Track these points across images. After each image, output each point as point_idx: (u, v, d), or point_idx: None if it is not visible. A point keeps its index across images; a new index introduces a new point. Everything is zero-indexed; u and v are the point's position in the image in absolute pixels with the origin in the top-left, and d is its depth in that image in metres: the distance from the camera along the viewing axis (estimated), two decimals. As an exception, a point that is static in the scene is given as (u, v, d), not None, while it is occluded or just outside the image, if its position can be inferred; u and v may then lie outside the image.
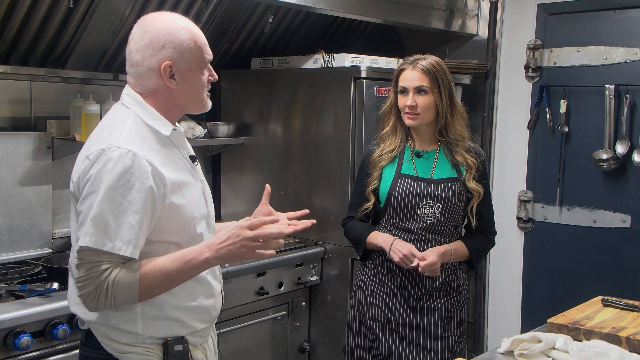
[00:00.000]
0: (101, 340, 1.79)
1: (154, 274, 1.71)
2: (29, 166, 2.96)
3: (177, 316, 1.82)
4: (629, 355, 1.91)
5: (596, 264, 3.61)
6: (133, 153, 1.69)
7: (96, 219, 1.65)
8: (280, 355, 3.35)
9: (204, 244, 1.75)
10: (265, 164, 3.64)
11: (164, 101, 1.82)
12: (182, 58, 1.79)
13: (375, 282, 2.64)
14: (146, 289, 1.71)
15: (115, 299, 1.69)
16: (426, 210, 2.55)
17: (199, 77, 1.84)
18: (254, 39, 3.73)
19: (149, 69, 1.79)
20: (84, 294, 1.68)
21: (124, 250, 1.67)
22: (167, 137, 1.82)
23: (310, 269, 3.39)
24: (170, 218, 1.77)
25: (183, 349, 1.83)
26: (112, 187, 1.66)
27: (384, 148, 2.62)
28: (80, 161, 1.76)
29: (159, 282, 1.72)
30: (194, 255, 1.73)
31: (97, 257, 1.67)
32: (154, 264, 1.72)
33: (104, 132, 1.77)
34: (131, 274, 1.69)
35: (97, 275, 1.66)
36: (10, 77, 2.94)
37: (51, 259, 2.80)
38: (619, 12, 3.50)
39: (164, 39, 1.77)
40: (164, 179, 1.74)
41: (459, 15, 3.91)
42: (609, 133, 3.46)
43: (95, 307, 1.70)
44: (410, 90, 2.52)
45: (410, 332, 2.59)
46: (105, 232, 1.66)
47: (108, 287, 1.67)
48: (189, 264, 1.73)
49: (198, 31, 1.85)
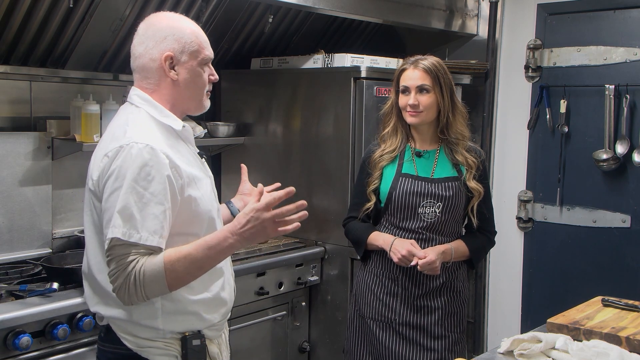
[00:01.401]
0: (121, 336, 1.84)
1: (179, 262, 1.73)
2: (29, 166, 2.96)
3: (196, 309, 1.87)
4: (629, 355, 1.91)
5: (596, 264, 3.61)
6: (151, 147, 1.74)
7: (122, 212, 1.70)
8: (280, 355, 3.35)
9: (226, 230, 1.77)
10: (265, 164, 3.64)
11: (167, 94, 1.87)
12: (183, 50, 1.85)
13: (376, 282, 2.64)
14: (174, 276, 1.73)
15: (144, 289, 1.72)
16: (427, 209, 2.55)
17: (199, 72, 1.89)
18: (254, 39, 3.73)
19: (151, 60, 1.85)
20: (115, 287, 1.73)
21: (150, 241, 1.71)
22: (178, 132, 1.88)
23: (310, 269, 3.39)
24: (188, 210, 1.82)
25: (201, 344, 1.88)
26: (134, 180, 1.71)
27: (385, 148, 2.63)
28: (99, 159, 1.79)
29: (185, 269, 1.74)
30: (217, 241, 1.76)
31: (125, 249, 1.71)
32: (178, 252, 1.74)
33: (119, 131, 1.81)
34: (156, 263, 1.72)
35: (124, 267, 1.70)
36: (10, 77, 2.94)
37: (51, 259, 2.79)
38: (619, 12, 3.50)
39: (166, 31, 1.85)
40: (181, 172, 1.80)
41: (459, 15, 3.91)
42: (609, 133, 3.46)
43: (129, 300, 1.74)
44: (412, 89, 2.52)
45: (411, 331, 2.59)
46: (132, 224, 1.70)
47: (135, 277, 1.70)
48: (213, 250, 1.76)
49: (200, 31, 1.92)
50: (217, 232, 1.79)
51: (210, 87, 1.96)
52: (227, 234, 1.76)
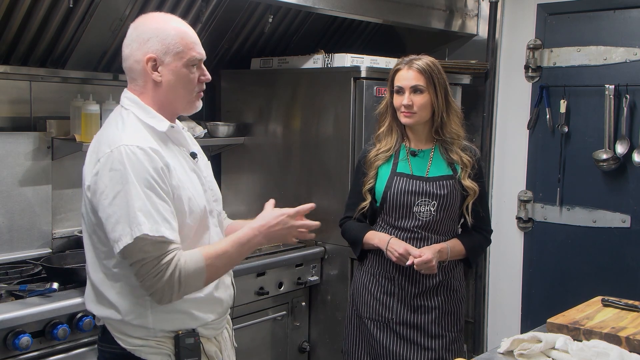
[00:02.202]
0: (115, 336, 1.85)
1: (218, 259, 1.82)
2: (29, 166, 2.96)
3: (187, 308, 1.86)
4: (629, 355, 1.91)
5: (596, 264, 3.61)
6: (140, 147, 1.75)
7: (142, 209, 1.70)
8: (280, 355, 3.35)
9: (255, 227, 1.90)
10: (265, 164, 3.64)
11: (154, 96, 1.87)
12: (166, 52, 1.84)
13: (373, 281, 2.65)
14: (213, 272, 1.82)
15: (187, 285, 1.76)
16: (422, 208, 2.55)
17: (185, 73, 1.87)
18: (254, 39, 3.73)
19: (135, 61, 1.85)
20: (158, 289, 1.73)
21: (168, 234, 1.73)
22: (165, 133, 1.87)
23: (310, 269, 3.39)
24: (181, 210, 1.82)
25: (194, 342, 1.87)
26: (137, 180, 1.72)
27: (380, 148, 2.64)
28: (92, 164, 1.79)
29: (223, 265, 1.86)
30: (247, 238, 1.88)
31: (157, 248, 1.72)
32: (216, 249, 1.84)
33: (110, 134, 1.82)
34: (197, 260, 1.77)
35: (167, 265, 1.72)
36: (10, 77, 2.94)
37: (51, 259, 2.80)
38: (619, 12, 3.50)
39: (150, 33, 1.84)
40: (171, 170, 1.80)
41: (459, 15, 3.91)
42: (609, 133, 3.46)
43: (171, 298, 1.76)
44: (406, 89, 2.53)
45: (408, 330, 2.59)
46: (154, 219, 1.71)
47: (180, 276, 1.74)
48: (245, 246, 1.88)
49: (189, 30, 1.90)
50: (246, 230, 1.90)
51: (203, 88, 1.94)
52: (256, 232, 1.89)
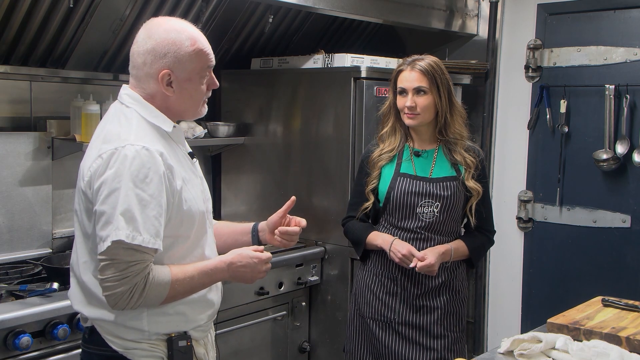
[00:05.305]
0: (106, 337, 1.82)
1: (183, 282, 1.79)
2: (29, 166, 2.96)
3: (182, 310, 1.86)
4: (629, 355, 1.91)
5: (596, 264, 3.61)
6: (147, 149, 1.73)
7: (125, 214, 1.68)
8: (280, 355, 3.35)
9: (225, 261, 1.88)
10: (265, 164, 3.64)
11: (160, 105, 1.85)
12: (182, 68, 1.81)
13: (375, 281, 2.64)
14: (173, 293, 1.79)
15: (145, 298, 1.73)
16: (425, 209, 2.55)
17: (197, 86, 1.86)
18: (254, 39, 3.73)
19: (148, 75, 1.82)
20: (116, 293, 1.70)
21: (152, 243, 1.71)
22: (168, 133, 1.86)
23: (310, 269, 3.38)
24: (180, 212, 1.81)
25: (187, 345, 1.87)
26: (133, 182, 1.70)
27: (384, 148, 2.63)
28: (92, 160, 1.77)
29: (184, 289, 1.82)
30: (214, 270, 1.86)
31: (130, 255, 1.69)
32: (184, 271, 1.81)
33: (112, 131, 1.79)
34: (165, 277, 1.76)
35: (135, 274, 1.70)
36: (10, 77, 2.93)
37: (51, 259, 2.80)
38: (619, 12, 3.50)
39: (167, 47, 1.79)
40: (175, 173, 1.79)
41: (459, 15, 3.91)
42: (609, 133, 3.46)
43: (126, 306, 1.73)
44: (409, 91, 2.52)
45: (410, 330, 2.59)
46: (134, 226, 1.69)
47: (145, 286, 1.72)
48: (209, 277, 1.86)
49: (203, 40, 1.86)
50: (216, 261, 1.88)
51: (209, 95, 1.92)
52: (224, 267, 1.87)
